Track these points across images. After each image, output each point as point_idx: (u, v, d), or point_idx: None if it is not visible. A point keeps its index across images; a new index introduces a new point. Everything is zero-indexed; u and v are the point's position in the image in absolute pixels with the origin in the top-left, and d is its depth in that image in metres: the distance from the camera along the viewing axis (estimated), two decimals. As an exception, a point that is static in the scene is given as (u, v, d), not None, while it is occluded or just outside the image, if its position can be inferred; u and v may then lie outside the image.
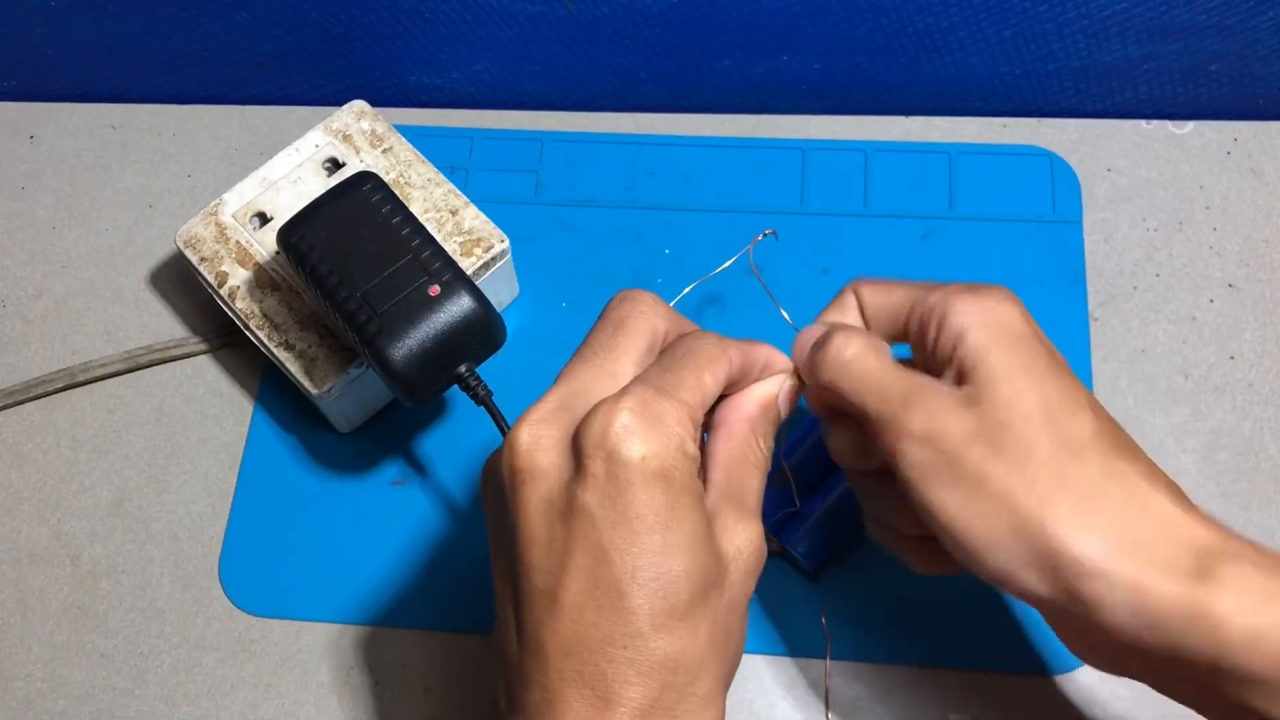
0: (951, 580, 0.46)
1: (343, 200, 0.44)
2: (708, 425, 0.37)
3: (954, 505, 0.33)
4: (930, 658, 0.45)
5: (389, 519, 0.49)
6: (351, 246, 0.43)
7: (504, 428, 0.41)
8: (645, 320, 0.36)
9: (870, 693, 0.45)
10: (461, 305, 0.41)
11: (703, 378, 0.34)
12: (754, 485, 0.36)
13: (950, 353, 0.35)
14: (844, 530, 0.46)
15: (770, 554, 0.47)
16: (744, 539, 0.34)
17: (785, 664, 0.45)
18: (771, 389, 0.37)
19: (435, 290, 0.41)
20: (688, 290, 0.50)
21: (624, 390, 0.33)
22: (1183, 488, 0.47)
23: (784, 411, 0.38)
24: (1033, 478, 0.32)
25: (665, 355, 0.35)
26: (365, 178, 0.44)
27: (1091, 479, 0.32)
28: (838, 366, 0.36)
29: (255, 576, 0.48)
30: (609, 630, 0.31)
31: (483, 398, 0.42)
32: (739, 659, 0.34)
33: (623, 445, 0.31)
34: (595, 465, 0.31)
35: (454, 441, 0.50)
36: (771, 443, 0.37)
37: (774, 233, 0.49)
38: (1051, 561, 0.32)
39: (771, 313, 0.47)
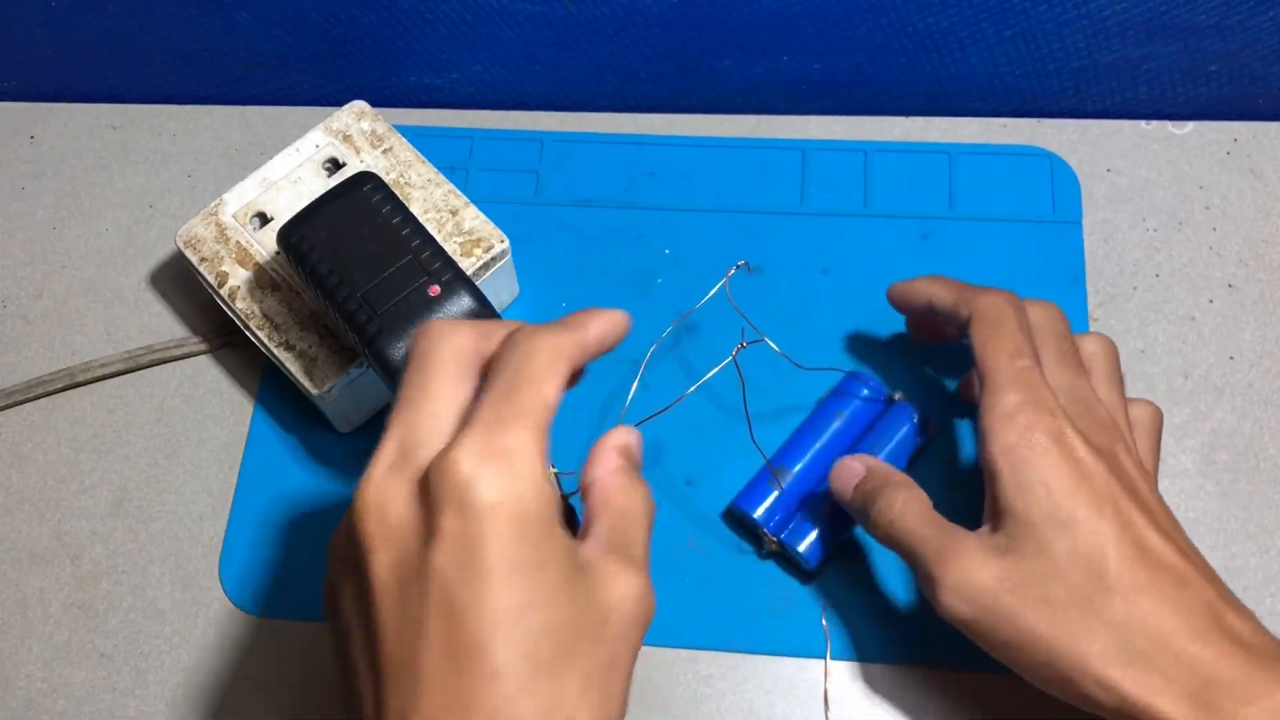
0: (951, 580, 0.46)
1: (343, 200, 0.44)
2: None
3: (996, 650, 0.37)
4: (930, 658, 0.45)
5: (389, 519, 0.49)
6: (351, 246, 0.43)
7: None
8: (445, 346, 0.34)
9: (870, 693, 0.45)
10: (462, 305, 0.42)
11: (543, 392, 0.32)
12: (639, 535, 0.34)
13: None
14: (844, 530, 0.46)
15: (770, 554, 0.47)
16: (624, 589, 0.32)
17: (785, 664, 0.45)
18: (625, 437, 0.36)
19: (435, 290, 0.41)
20: (668, 331, 0.50)
21: (465, 430, 0.31)
22: (1182, 488, 0.48)
23: (638, 457, 0.37)
24: (1066, 624, 0.35)
25: (496, 374, 0.33)
26: (365, 178, 0.44)
27: (1118, 618, 0.35)
28: (884, 523, 0.40)
29: (255, 576, 0.48)
30: (473, 697, 0.29)
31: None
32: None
33: (473, 494, 0.30)
34: (446, 520, 0.30)
35: (454, 441, 0.50)
36: (648, 489, 0.35)
37: (746, 264, 0.49)
38: (1090, 696, 0.35)
39: (752, 337, 0.47)
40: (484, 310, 0.42)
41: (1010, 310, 0.41)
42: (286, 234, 0.44)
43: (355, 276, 0.42)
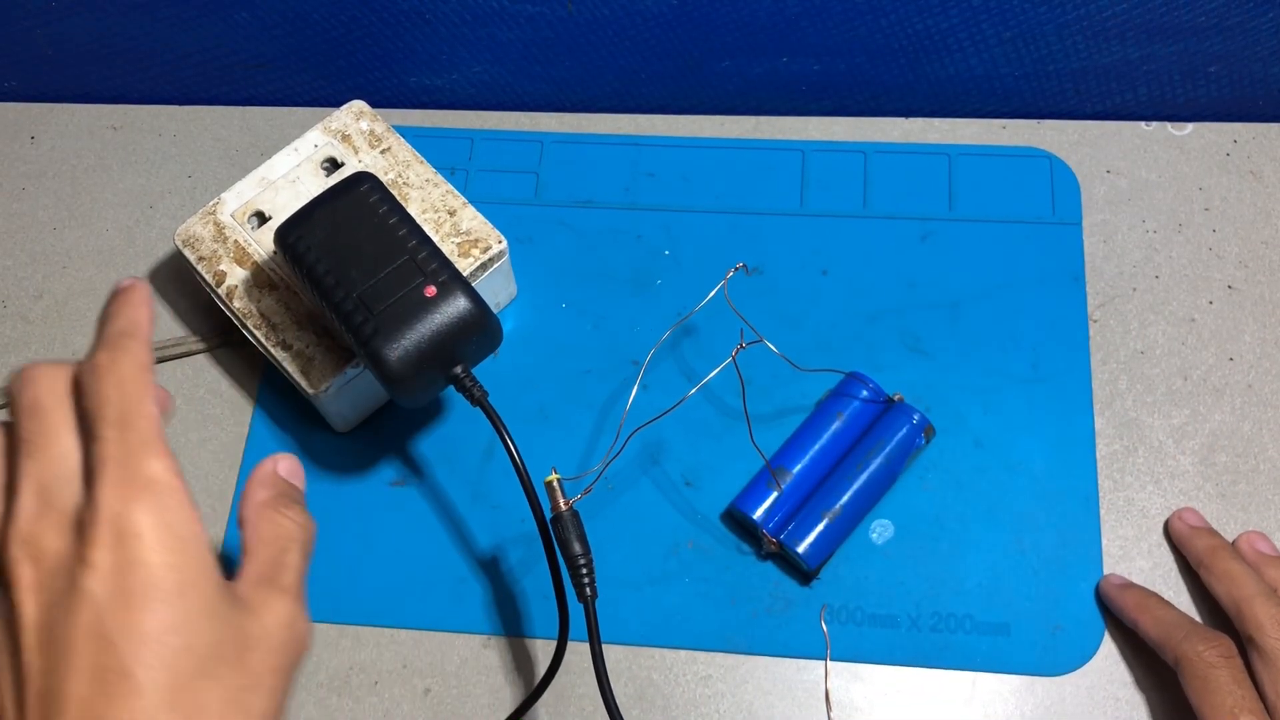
0: (949, 581, 0.46)
1: (340, 200, 0.44)
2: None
3: None
4: (930, 658, 0.45)
5: (389, 519, 0.49)
6: (348, 247, 0.43)
7: (500, 429, 0.41)
8: (51, 390, 0.35)
9: (870, 693, 0.45)
10: (457, 306, 0.41)
11: (152, 413, 0.33)
12: (291, 560, 0.35)
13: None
14: (844, 530, 0.46)
15: (770, 555, 0.47)
16: (273, 619, 0.34)
17: (785, 664, 0.46)
18: (269, 466, 0.37)
19: (431, 291, 0.41)
20: (667, 334, 0.50)
21: (102, 467, 0.32)
22: (1182, 489, 0.48)
23: (296, 480, 0.38)
24: None
25: (102, 409, 0.33)
26: (362, 178, 0.44)
27: None
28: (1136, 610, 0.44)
29: (255, 577, 0.48)
30: (115, 714, 0.30)
31: (478, 399, 0.42)
32: None
33: (125, 526, 0.31)
34: (99, 553, 0.31)
35: (452, 442, 0.50)
36: (300, 513, 0.37)
37: (744, 265, 0.49)
38: None
39: (752, 339, 0.47)
40: (480, 310, 0.42)
41: (1220, 664, 0.41)
42: (284, 234, 0.44)
43: (352, 277, 0.42)
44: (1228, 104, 0.56)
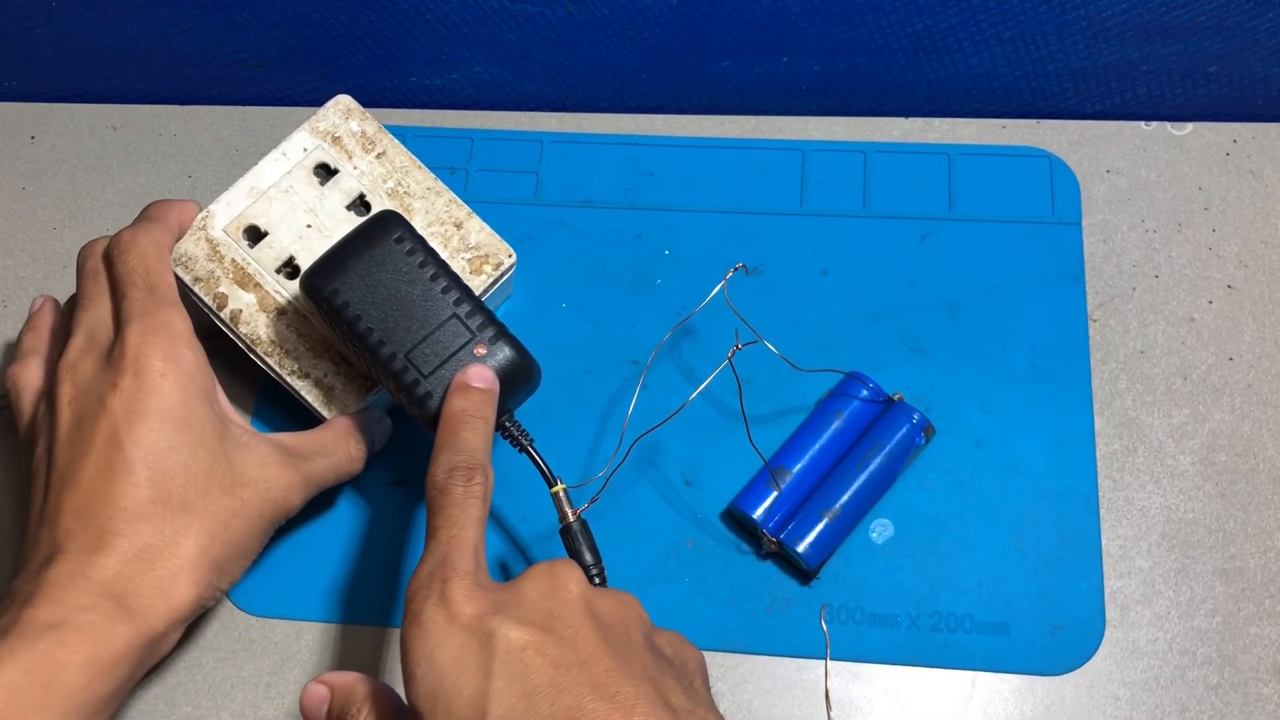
0: (949, 581, 0.46)
1: (373, 250, 0.43)
2: None
3: None
4: (930, 657, 0.45)
5: (389, 519, 0.49)
6: (388, 301, 0.42)
7: (546, 473, 0.43)
8: (92, 260, 0.44)
9: (870, 693, 0.45)
10: (508, 361, 0.42)
11: (169, 279, 0.43)
12: (321, 466, 0.44)
13: None
14: (844, 530, 0.46)
15: (769, 554, 0.47)
16: (272, 473, 0.42)
17: (785, 664, 0.46)
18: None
19: (481, 350, 0.42)
20: (668, 336, 0.50)
21: (130, 318, 0.41)
22: (1181, 489, 0.48)
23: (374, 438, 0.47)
24: None
25: (129, 276, 0.43)
26: (390, 222, 0.43)
27: None
28: None
29: (255, 576, 0.48)
30: (115, 496, 0.39)
31: (525, 447, 0.43)
32: (237, 560, 0.42)
33: (145, 361, 0.40)
34: (124, 379, 0.40)
35: (454, 442, 0.50)
36: (361, 450, 0.46)
37: (744, 266, 0.49)
38: None
39: (751, 339, 0.47)
40: (526, 361, 0.43)
41: None
42: (315, 284, 0.43)
43: (398, 336, 0.42)
44: (1228, 104, 0.56)
